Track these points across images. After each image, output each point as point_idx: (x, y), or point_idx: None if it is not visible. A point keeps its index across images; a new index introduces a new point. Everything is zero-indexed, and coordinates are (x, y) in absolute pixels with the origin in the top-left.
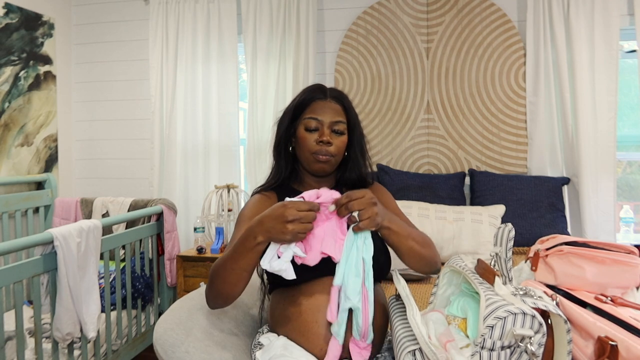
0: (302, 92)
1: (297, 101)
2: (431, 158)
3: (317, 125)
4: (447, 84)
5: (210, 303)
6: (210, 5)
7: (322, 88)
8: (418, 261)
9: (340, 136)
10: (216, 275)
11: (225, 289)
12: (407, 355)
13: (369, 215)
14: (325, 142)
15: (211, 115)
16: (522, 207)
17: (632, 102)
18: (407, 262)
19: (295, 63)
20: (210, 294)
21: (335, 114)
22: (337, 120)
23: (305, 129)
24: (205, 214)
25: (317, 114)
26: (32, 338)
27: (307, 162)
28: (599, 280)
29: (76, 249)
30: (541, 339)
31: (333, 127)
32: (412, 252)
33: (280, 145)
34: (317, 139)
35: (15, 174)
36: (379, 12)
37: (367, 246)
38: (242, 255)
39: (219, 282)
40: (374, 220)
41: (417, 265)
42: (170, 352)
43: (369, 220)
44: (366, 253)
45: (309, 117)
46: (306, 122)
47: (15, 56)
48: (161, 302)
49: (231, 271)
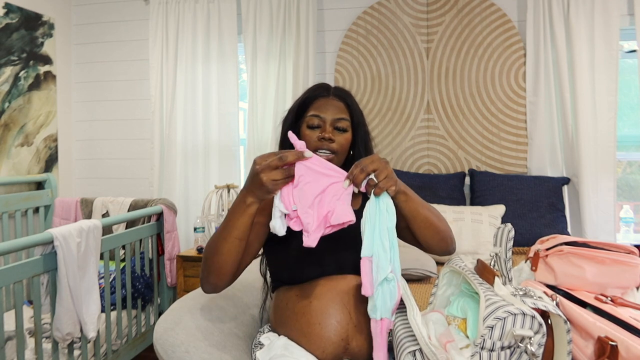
0: (307, 90)
1: (300, 99)
2: (431, 158)
3: (320, 123)
4: (447, 84)
5: (204, 284)
6: (210, 5)
7: (325, 86)
8: (434, 235)
9: (343, 133)
10: (210, 248)
11: (219, 261)
12: (407, 356)
13: (387, 174)
14: (327, 138)
15: (211, 115)
16: (522, 207)
17: (632, 102)
18: (423, 235)
19: (295, 63)
20: (204, 272)
21: (337, 111)
22: (339, 117)
23: (307, 126)
24: (205, 214)
25: (320, 111)
26: (32, 338)
27: None
28: (599, 280)
29: (76, 249)
30: (541, 339)
31: (335, 124)
32: (428, 223)
33: (285, 145)
34: (319, 136)
35: (15, 174)
36: (379, 12)
37: (390, 214)
38: (235, 220)
39: (213, 255)
40: (392, 177)
41: (433, 240)
42: (170, 352)
43: (387, 178)
44: (390, 222)
45: (311, 115)
46: (308, 120)
47: (15, 56)
48: (161, 302)
49: (223, 241)
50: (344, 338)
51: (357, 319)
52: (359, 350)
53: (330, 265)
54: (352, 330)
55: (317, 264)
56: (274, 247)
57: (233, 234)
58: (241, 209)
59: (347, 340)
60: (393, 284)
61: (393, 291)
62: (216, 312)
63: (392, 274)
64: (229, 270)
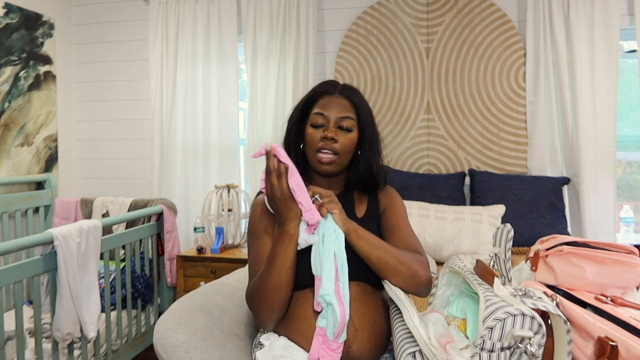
0: (314, 87)
1: (307, 96)
2: (431, 158)
3: (323, 121)
4: (447, 84)
5: (266, 325)
6: (210, 5)
7: (333, 83)
8: (392, 275)
9: (348, 133)
10: (263, 292)
11: (280, 297)
12: (407, 357)
13: (330, 199)
14: (329, 138)
15: (211, 115)
16: (522, 207)
17: (632, 102)
18: (381, 274)
19: (295, 63)
20: (262, 315)
21: (342, 109)
22: (343, 115)
23: (311, 125)
24: (205, 214)
25: (324, 109)
26: (32, 338)
27: (312, 162)
28: (599, 281)
29: (76, 249)
30: (541, 340)
31: (339, 123)
32: (382, 264)
33: (290, 143)
34: (321, 135)
35: (15, 174)
36: (379, 12)
37: (338, 240)
38: (284, 252)
39: (271, 295)
40: (336, 202)
41: (393, 280)
42: (170, 352)
43: (331, 202)
44: (337, 247)
45: (315, 113)
46: (312, 118)
47: (15, 56)
48: (161, 302)
49: (278, 276)
50: (345, 342)
51: (358, 322)
52: (360, 354)
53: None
54: (353, 334)
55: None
56: None
57: (286, 265)
58: (286, 240)
59: (348, 344)
60: (334, 308)
61: (336, 314)
62: (216, 312)
63: (331, 296)
64: (288, 297)
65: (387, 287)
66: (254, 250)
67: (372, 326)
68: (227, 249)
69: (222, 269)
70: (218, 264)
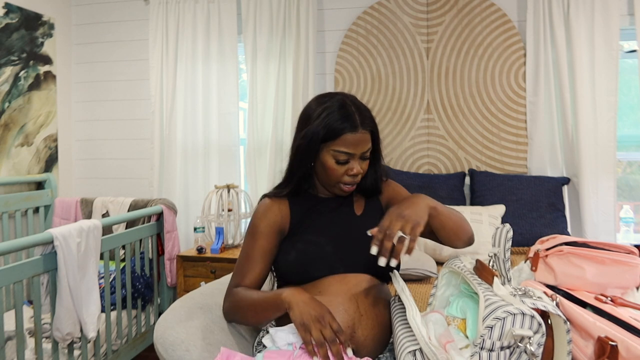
0: (329, 116)
1: (326, 127)
2: (431, 158)
3: (348, 158)
4: (447, 84)
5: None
6: (210, 5)
7: (351, 118)
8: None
9: (367, 160)
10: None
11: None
12: (407, 356)
13: (412, 224)
14: (356, 174)
15: (211, 115)
16: (522, 207)
17: (632, 102)
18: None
19: (295, 63)
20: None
21: (365, 144)
22: (367, 149)
23: (335, 161)
24: (205, 214)
25: (349, 149)
26: (32, 338)
27: (329, 186)
28: (599, 281)
29: (76, 249)
30: (540, 339)
31: (362, 156)
32: (453, 231)
33: (301, 162)
34: (347, 172)
35: (15, 174)
36: (379, 12)
37: None
38: (268, 312)
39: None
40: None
41: (459, 242)
42: (170, 350)
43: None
44: None
45: (341, 151)
46: (336, 155)
47: (15, 56)
48: (161, 302)
49: (254, 317)
50: (350, 326)
51: (364, 308)
52: (364, 340)
53: (339, 268)
54: (359, 319)
55: (326, 265)
56: (283, 250)
57: (265, 316)
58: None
59: (353, 329)
60: None
61: None
62: (217, 311)
63: None
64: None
65: (395, 282)
66: (247, 248)
67: (376, 315)
68: (227, 249)
69: (222, 269)
70: (218, 264)
